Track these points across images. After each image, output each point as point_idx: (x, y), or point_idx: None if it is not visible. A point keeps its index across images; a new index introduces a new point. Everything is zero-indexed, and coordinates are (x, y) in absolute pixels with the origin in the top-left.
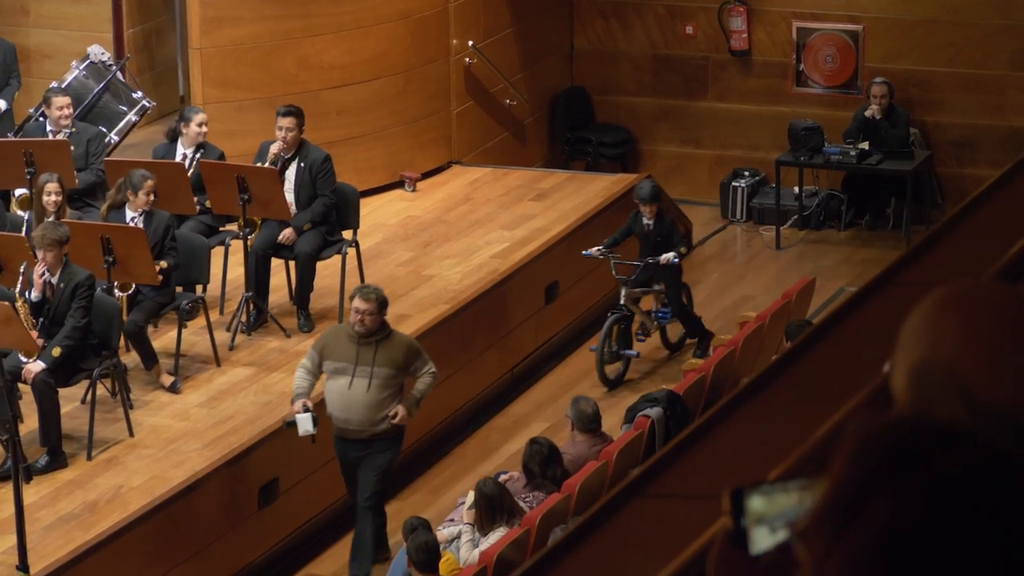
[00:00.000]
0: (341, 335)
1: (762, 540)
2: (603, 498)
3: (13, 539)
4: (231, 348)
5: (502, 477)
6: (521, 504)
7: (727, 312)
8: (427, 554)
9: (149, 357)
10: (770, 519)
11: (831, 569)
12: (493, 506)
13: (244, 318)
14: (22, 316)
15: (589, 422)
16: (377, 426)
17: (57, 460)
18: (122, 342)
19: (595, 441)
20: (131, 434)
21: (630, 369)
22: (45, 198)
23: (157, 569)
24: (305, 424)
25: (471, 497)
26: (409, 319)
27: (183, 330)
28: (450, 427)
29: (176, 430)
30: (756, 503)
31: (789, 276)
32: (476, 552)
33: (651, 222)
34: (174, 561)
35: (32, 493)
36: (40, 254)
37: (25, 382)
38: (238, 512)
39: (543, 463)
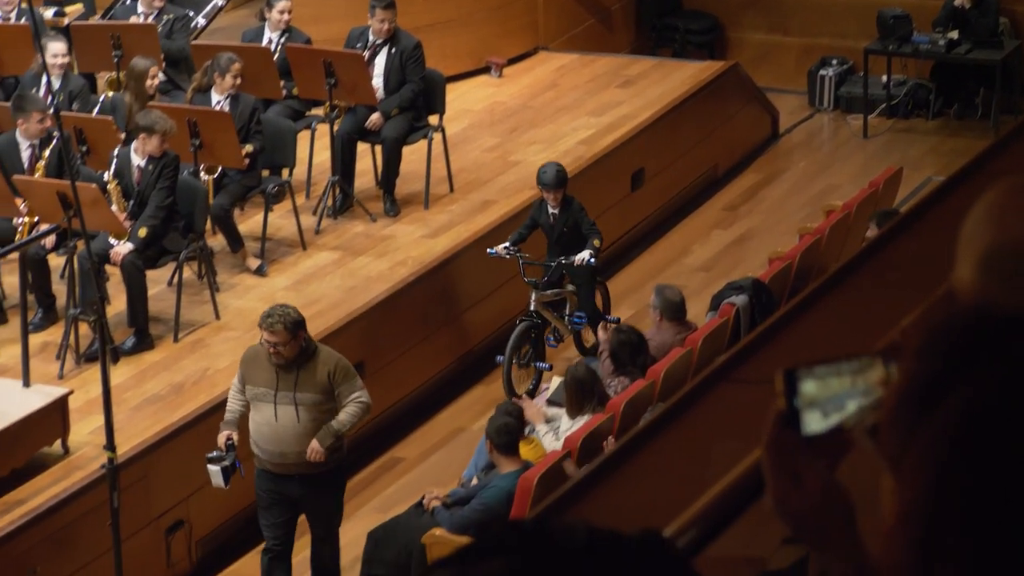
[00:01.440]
0: (260, 356)
1: (814, 423)
2: (688, 384)
3: (100, 419)
4: (317, 232)
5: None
6: (607, 390)
7: (813, 201)
8: (508, 436)
9: (235, 240)
10: (823, 402)
11: (909, 465)
12: (583, 390)
13: (330, 202)
14: (114, 198)
15: (675, 310)
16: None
17: (144, 342)
18: (208, 225)
19: (680, 329)
20: (217, 317)
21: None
22: (149, 82)
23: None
24: (216, 478)
25: (555, 383)
26: (495, 204)
27: (269, 214)
28: None
29: (261, 313)
30: (809, 386)
31: (876, 165)
32: (559, 438)
33: (556, 211)
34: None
35: (119, 374)
36: (140, 141)
37: (113, 264)
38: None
39: (633, 351)
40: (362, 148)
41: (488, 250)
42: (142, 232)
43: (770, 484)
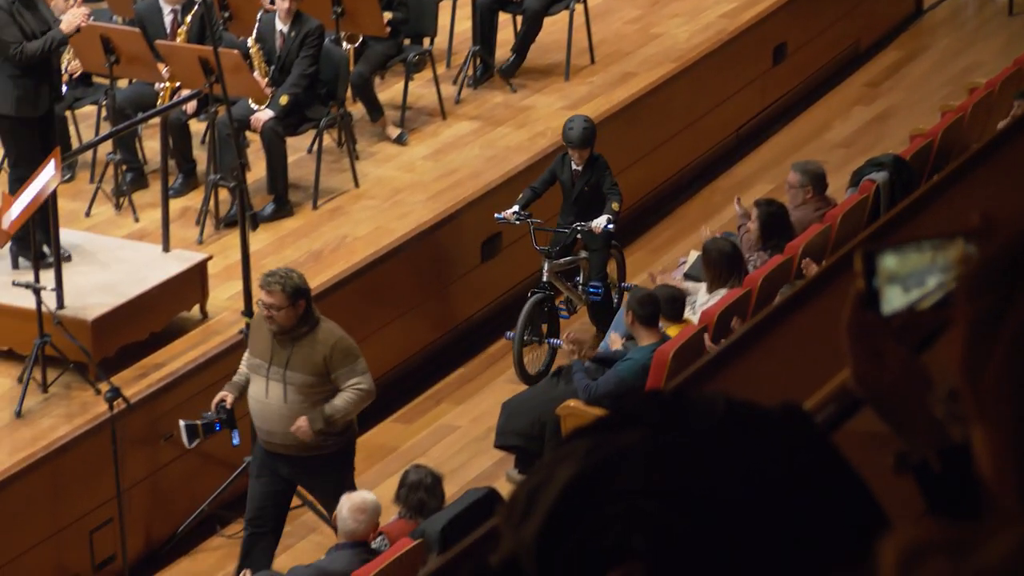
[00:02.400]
0: (263, 323)
1: (894, 300)
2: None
3: (239, 285)
4: (457, 102)
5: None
6: (746, 265)
7: (956, 78)
8: (651, 307)
9: (375, 109)
10: (903, 278)
11: (1005, 336)
12: (725, 264)
13: (471, 72)
14: (256, 63)
15: (820, 184)
16: (307, 442)
17: (283, 208)
18: (349, 93)
19: (820, 204)
20: (356, 184)
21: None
22: None
23: (380, 318)
24: (183, 435)
25: (692, 257)
26: (636, 77)
27: (409, 82)
28: (673, 187)
29: (401, 181)
30: (889, 262)
31: (1021, 43)
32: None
33: (579, 167)
34: (396, 312)
35: (258, 240)
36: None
37: (254, 130)
38: (460, 266)
39: (781, 225)
40: (503, 18)
41: (496, 215)
42: (283, 100)
43: (851, 363)
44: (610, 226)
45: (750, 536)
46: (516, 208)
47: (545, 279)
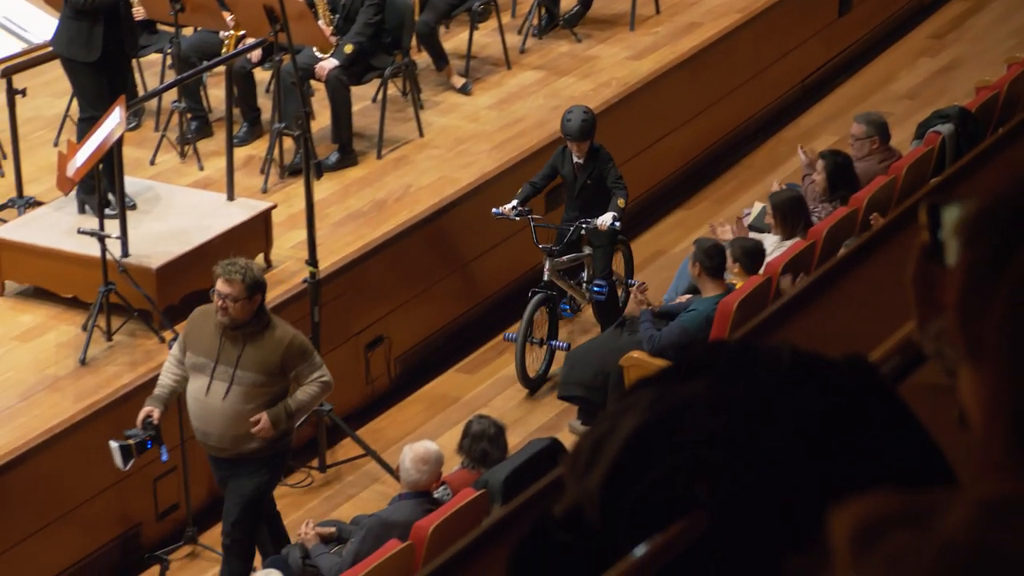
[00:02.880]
0: (208, 320)
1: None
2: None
3: (303, 234)
4: (522, 51)
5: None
6: (811, 216)
7: (1022, 30)
8: (717, 258)
9: (440, 58)
10: None
11: (987, 343)
12: (792, 213)
13: (535, 21)
14: (321, 13)
15: (885, 135)
16: (241, 445)
17: (347, 157)
18: (413, 43)
19: (884, 156)
20: (421, 134)
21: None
22: None
23: (444, 267)
24: (116, 456)
25: (756, 208)
26: (701, 27)
27: (474, 32)
28: (739, 136)
29: (465, 131)
30: (954, 214)
31: None
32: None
33: (580, 160)
34: (460, 261)
35: (322, 189)
36: None
37: (318, 79)
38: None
39: (848, 176)
40: None
41: (493, 210)
42: (348, 48)
43: (916, 316)
44: (616, 224)
45: (814, 487)
46: (515, 203)
47: (546, 278)
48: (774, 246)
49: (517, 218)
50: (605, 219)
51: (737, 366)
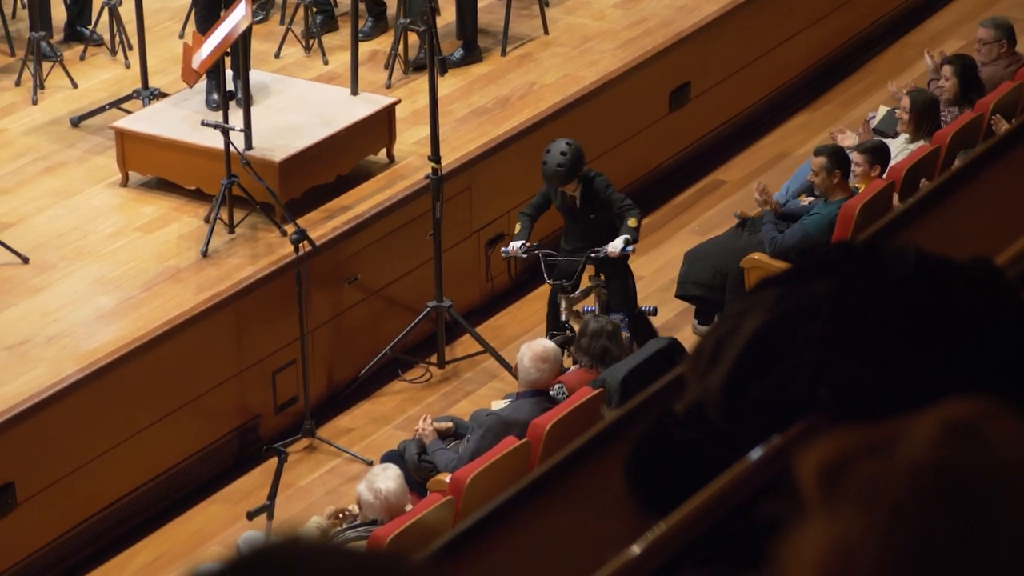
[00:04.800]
0: None
1: None
2: (1020, 117)
3: (426, 130)
4: None
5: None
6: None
7: None
8: (841, 163)
9: None
10: None
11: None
12: (925, 113)
13: None
14: None
15: (1012, 37)
16: None
17: (472, 54)
18: None
19: (1011, 61)
20: (546, 31)
21: None
22: None
23: None
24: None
25: (882, 112)
26: None
27: None
28: (865, 39)
29: (591, 29)
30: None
31: None
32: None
33: (577, 195)
34: (588, 157)
35: (446, 86)
36: None
37: None
38: (648, 115)
39: (974, 80)
40: None
41: (502, 251)
42: None
43: None
44: (629, 248)
45: (938, 388)
46: (523, 240)
47: (564, 319)
48: (899, 149)
49: (525, 255)
50: (616, 244)
51: (862, 267)
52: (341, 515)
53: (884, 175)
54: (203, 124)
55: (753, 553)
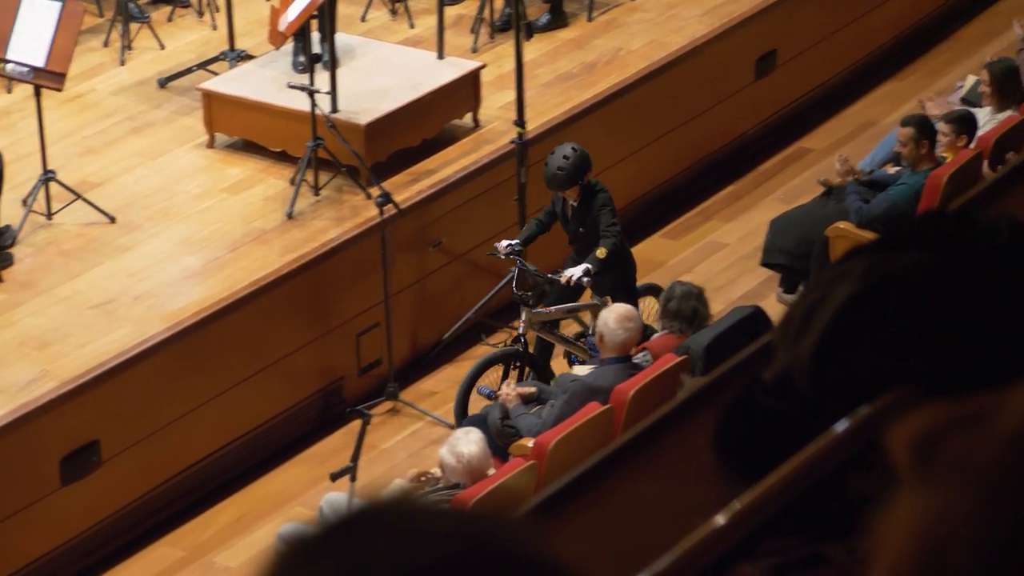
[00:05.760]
0: None
1: None
2: None
3: (511, 95)
4: None
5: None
6: None
7: None
8: (928, 133)
9: None
10: None
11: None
12: (1008, 84)
13: None
14: None
15: None
16: None
17: (558, 19)
18: None
19: None
20: None
21: None
22: None
23: (651, 132)
24: None
25: (970, 81)
26: None
27: None
28: (953, 8)
29: None
30: None
31: None
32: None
33: (575, 204)
34: (666, 127)
35: (532, 50)
36: None
37: None
38: (733, 82)
39: None
40: None
41: (495, 245)
42: None
43: None
44: (585, 279)
45: None
46: (515, 241)
47: (520, 330)
48: (986, 119)
49: (504, 257)
50: (573, 272)
51: (954, 237)
52: (423, 478)
53: (971, 145)
54: (289, 86)
55: (841, 526)
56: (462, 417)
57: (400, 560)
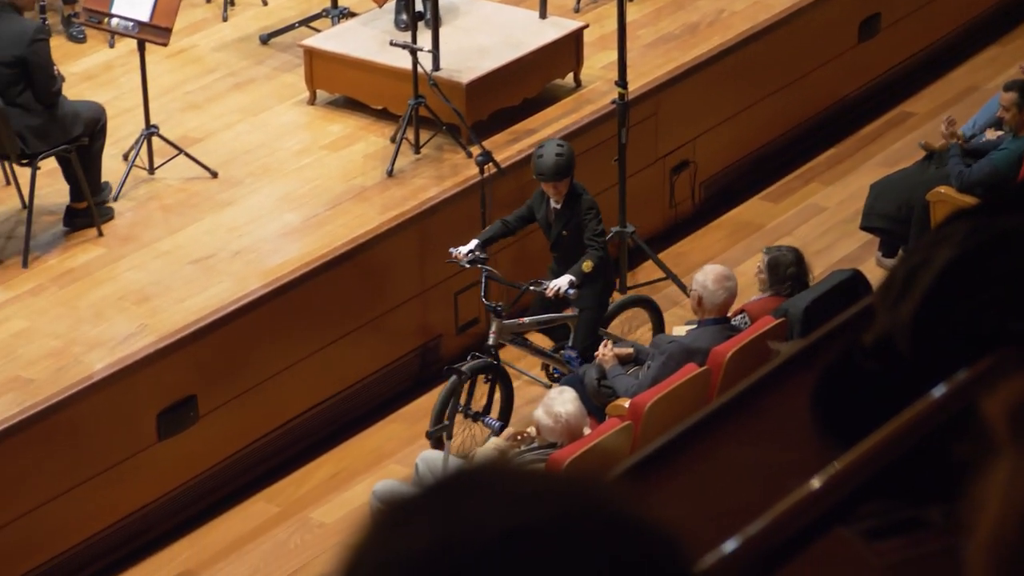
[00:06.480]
0: None
1: None
2: None
3: (613, 55)
4: None
5: None
6: None
7: None
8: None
9: None
10: None
11: None
12: None
13: None
14: None
15: None
16: None
17: None
18: None
19: None
20: None
21: None
22: None
23: (753, 94)
24: None
25: None
26: None
27: None
28: None
29: None
30: None
31: None
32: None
33: (558, 206)
34: (768, 89)
35: (634, 11)
36: None
37: None
38: (836, 44)
39: None
40: None
41: (450, 250)
42: None
43: None
44: (571, 291)
45: None
46: (473, 245)
47: (491, 342)
48: None
49: (467, 265)
50: (559, 283)
51: None
52: (519, 437)
53: None
54: (391, 44)
55: (939, 490)
56: (435, 439)
57: (496, 521)
